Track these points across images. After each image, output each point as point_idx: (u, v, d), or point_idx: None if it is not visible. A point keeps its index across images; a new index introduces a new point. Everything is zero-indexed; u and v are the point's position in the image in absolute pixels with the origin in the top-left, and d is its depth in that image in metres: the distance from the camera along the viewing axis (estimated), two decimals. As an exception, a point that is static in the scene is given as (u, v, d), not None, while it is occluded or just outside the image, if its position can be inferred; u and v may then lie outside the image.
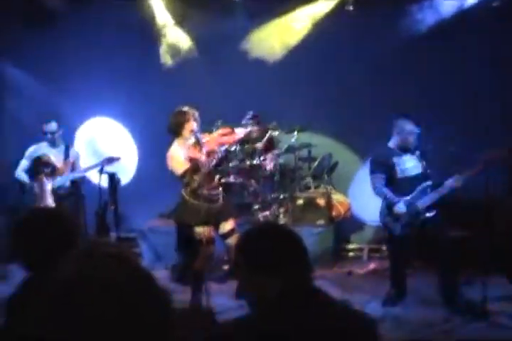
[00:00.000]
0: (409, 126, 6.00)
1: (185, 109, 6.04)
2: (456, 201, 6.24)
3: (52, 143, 7.52)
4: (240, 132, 6.40)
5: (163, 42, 9.04)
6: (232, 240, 6.00)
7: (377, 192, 6.00)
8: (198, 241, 5.91)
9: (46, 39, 8.86)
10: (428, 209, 5.88)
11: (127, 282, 1.31)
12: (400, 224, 5.92)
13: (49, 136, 7.49)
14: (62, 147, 7.59)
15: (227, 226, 6.13)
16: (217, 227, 6.11)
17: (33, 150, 7.54)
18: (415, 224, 5.89)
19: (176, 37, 9.03)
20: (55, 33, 8.89)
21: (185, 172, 5.87)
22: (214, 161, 5.99)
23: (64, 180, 7.27)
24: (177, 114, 6.03)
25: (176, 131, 6.01)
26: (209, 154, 6.00)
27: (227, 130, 6.31)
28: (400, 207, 5.87)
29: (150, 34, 8.94)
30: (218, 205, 6.09)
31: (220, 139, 6.19)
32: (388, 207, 5.98)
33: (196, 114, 6.04)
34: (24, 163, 7.50)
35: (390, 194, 5.93)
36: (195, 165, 5.87)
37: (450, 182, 5.79)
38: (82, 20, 8.75)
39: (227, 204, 6.29)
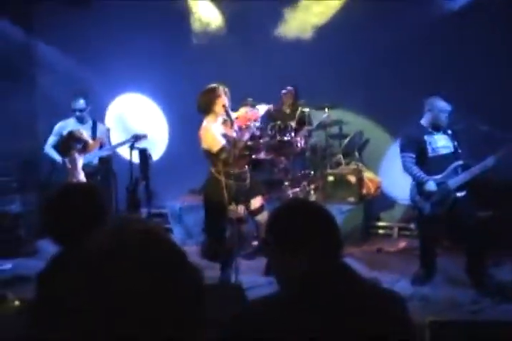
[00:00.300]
0: (440, 104, 5.95)
1: (215, 85, 5.99)
2: (487, 181, 6.17)
3: (80, 120, 7.55)
4: (262, 108, 6.36)
5: (195, 18, 9.00)
6: (261, 217, 6.03)
7: (408, 170, 5.95)
8: (229, 219, 5.93)
9: (79, 16, 8.92)
10: (459, 189, 5.83)
11: (158, 257, 1.32)
12: (429, 203, 5.88)
13: (77, 113, 7.52)
14: (89, 123, 7.62)
15: (256, 203, 6.14)
16: (246, 205, 6.12)
17: (60, 127, 7.58)
18: (445, 203, 5.84)
19: (207, 13, 8.99)
20: (88, 10, 8.94)
21: (222, 149, 5.84)
22: (247, 135, 5.97)
23: (92, 157, 7.31)
24: (207, 92, 5.94)
25: (206, 108, 5.93)
26: (240, 130, 5.99)
27: (249, 108, 6.28)
28: (431, 186, 5.82)
29: (182, 11, 8.92)
30: (247, 183, 6.09)
31: (246, 116, 6.16)
32: (418, 186, 5.94)
33: (226, 89, 5.99)
34: (52, 139, 7.55)
35: (420, 173, 5.87)
36: (229, 142, 5.85)
37: (483, 163, 5.73)
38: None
39: (255, 182, 6.28)
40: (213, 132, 5.85)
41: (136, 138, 7.22)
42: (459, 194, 5.83)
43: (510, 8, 7.38)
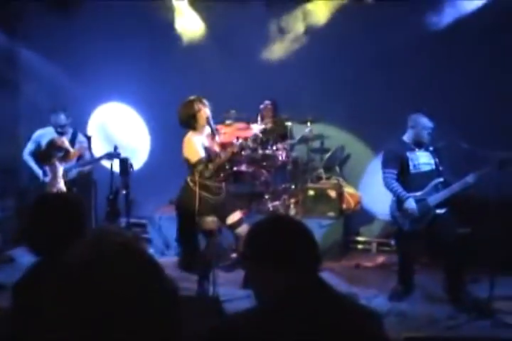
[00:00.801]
0: (423, 121, 5.97)
1: (193, 97, 5.94)
2: (467, 199, 6.20)
3: (61, 133, 7.48)
4: (256, 128, 6.32)
5: (179, 28, 9.02)
6: (241, 230, 5.99)
7: (388, 187, 5.97)
8: (206, 231, 5.95)
9: (63, 24, 8.90)
10: (439, 206, 5.86)
11: (134, 270, 1.32)
12: (409, 220, 5.90)
13: (58, 129, 7.44)
14: (69, 133, 7.57)
15: (234, 217, 6.11)
16: (222, 219, 6.10)
17: (39, 135, 7.52)
18: (425, 220, 5.86)
19: (191, 24, 9.00)
20: (72, 18, 8.93)
21: (199, 161, 5.80)
22: (228, 155, 5.94)
23: (69, 167, 7.28)
24: (187, 105, 5.85)
25: (189, 122, 5.87)
26: (224, 145, 5.99)
27: (243, 125, 6.26)
28: (410, 204, 5.84)
29: (167, 20, 8.93)
30: (221, 197, 6.06)
31: (237, 133, 6.14)
32: (398, 202, 5.96)
33: (205, 101, 5.95)
34: (30, 146, 7.50)
35: (400, 189, 5.89)
36: (209, 155, 5.84)
37: (464, 180, 5.75)
38: (98, 7, 8.77)
39: (230, 196, 6.27)
40: (194, 143, 5.83)
41: (110, 156, 7.17)
42: (438, 211, 5.86)
43: (497, 26, 7.42)
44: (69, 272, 1.31)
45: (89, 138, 7.99)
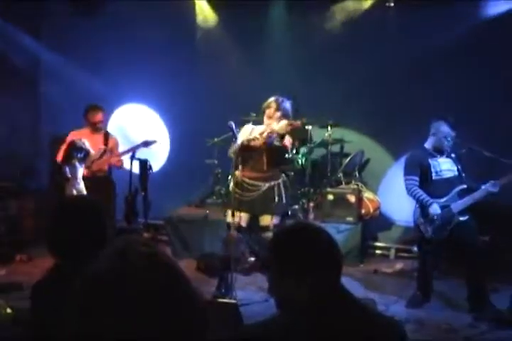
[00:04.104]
0: (445, 128, 5.91)
1: (273, 98, 6.15)
2: (490, 206, 6.13)
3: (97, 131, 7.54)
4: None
5: (203, 31, 9.05)
6: (267, 235, 5.91)
7: (412, 193, 5.90)
8: (228, 224, 6.01)
9: (86, 25, 8.95)
10: (461, 213, 5.79)
11: (159, 280, 1.30)
12: (432, 227, 5.83)
13: (98, 125, 7.48)
14: (102, 133, 7.58)
15: (265, 220, 6.08)
16: (255, 217, 6.12)
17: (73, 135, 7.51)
18: (447, 227, 5.80)
19: (214, 28, 9.04)
20: (95, 19, 8.98)
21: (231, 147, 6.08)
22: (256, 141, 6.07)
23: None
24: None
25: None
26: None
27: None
28: (435, 209, 5.77)
29: (191, 24, 8.96)
30: (254, 195, 6.05)
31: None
32: (422, 209, 5.90)
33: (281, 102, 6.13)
34: None
35: (424, 195, 5.82)
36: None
37: (486, 187, 5.70)
38: (120, 8, 8.80)
39: (268, 199, 6.09)
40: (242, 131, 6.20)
41: (146, 143, 7.24)
42: (461, 218, 5.80)
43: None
44: (94, 282, 1.29)
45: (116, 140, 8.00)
